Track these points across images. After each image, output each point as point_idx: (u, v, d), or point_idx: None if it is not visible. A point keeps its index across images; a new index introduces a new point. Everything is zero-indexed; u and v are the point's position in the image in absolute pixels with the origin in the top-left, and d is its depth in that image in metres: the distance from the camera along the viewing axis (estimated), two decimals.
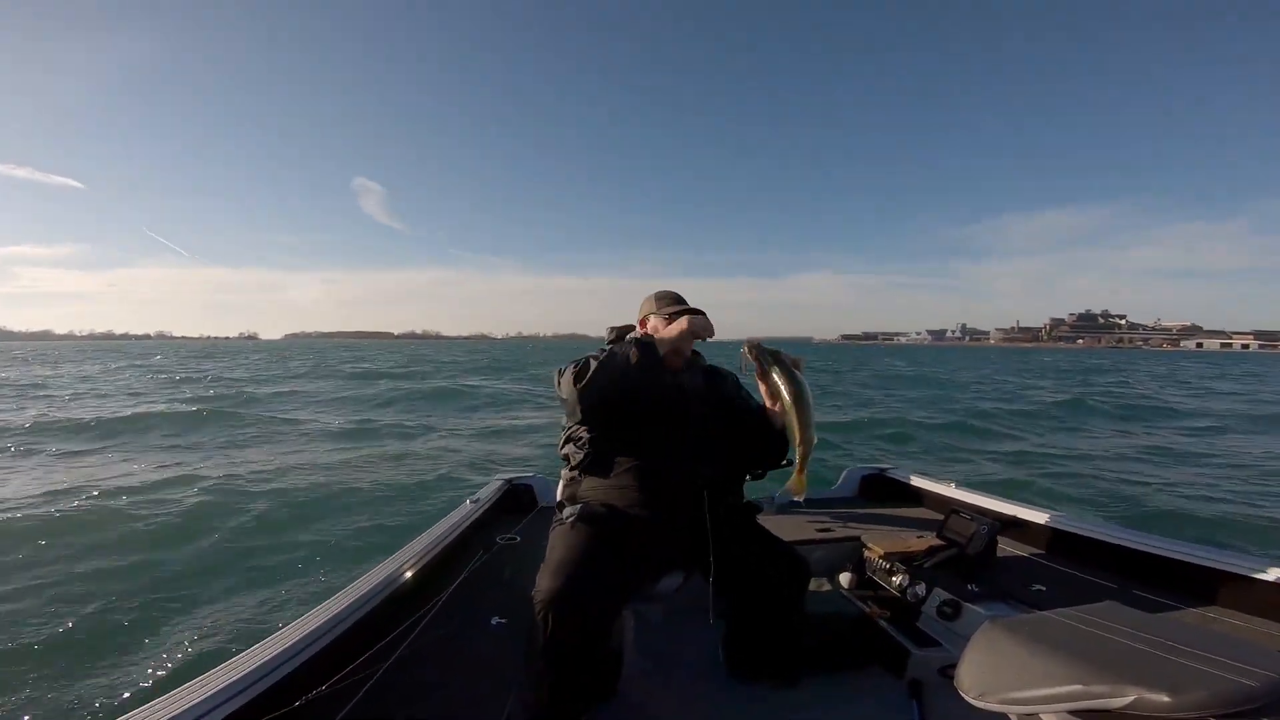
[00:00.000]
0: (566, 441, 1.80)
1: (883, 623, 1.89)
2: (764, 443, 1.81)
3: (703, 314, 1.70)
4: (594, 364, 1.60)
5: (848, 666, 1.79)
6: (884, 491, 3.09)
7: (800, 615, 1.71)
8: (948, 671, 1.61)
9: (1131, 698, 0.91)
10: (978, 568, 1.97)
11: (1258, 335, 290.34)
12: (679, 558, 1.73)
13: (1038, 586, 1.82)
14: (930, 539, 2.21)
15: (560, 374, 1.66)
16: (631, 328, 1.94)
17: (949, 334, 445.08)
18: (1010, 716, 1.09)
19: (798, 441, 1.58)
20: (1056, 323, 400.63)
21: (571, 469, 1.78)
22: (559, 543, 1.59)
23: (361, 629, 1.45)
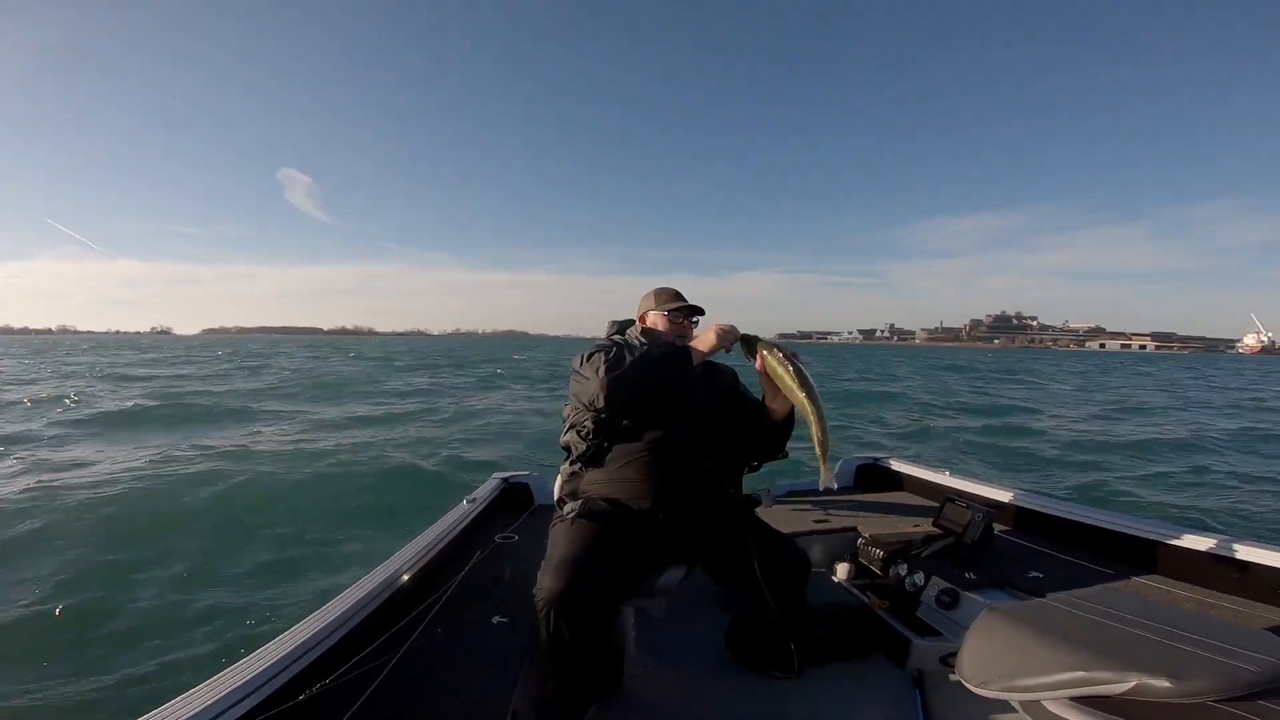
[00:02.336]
0: (569, 430, 1.80)
1: (882, 613, 1.91)
2: (761, 436, 1.82)
3: (733, 326, 1.69)
4: (627, 356, 1.61)
5: (850, 657, 1.80)
6: (879, 481, 3.10)
7: (801, 607, 1.72)
8: (949, 660, 1.63)
9: (1132, 683, 0.92)
10: (975, 556, 1.98)
11: (1154, 336, 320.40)
12: (681, 551, 1.73)
13: (1035, 574, 1.83)
14: (927, 527, 2.22)
15: (586, 359, 1.67)
16: (631, 322, 1.94)
17: (878, 333, 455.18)
18: (1012, 703, 1.10)
19: (816, 434, 1.58)
20: (975, 323, 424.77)
21: (572, 463, 1.78)
22: (560, 539, 1.58)
23: (362, 631, 1.44)
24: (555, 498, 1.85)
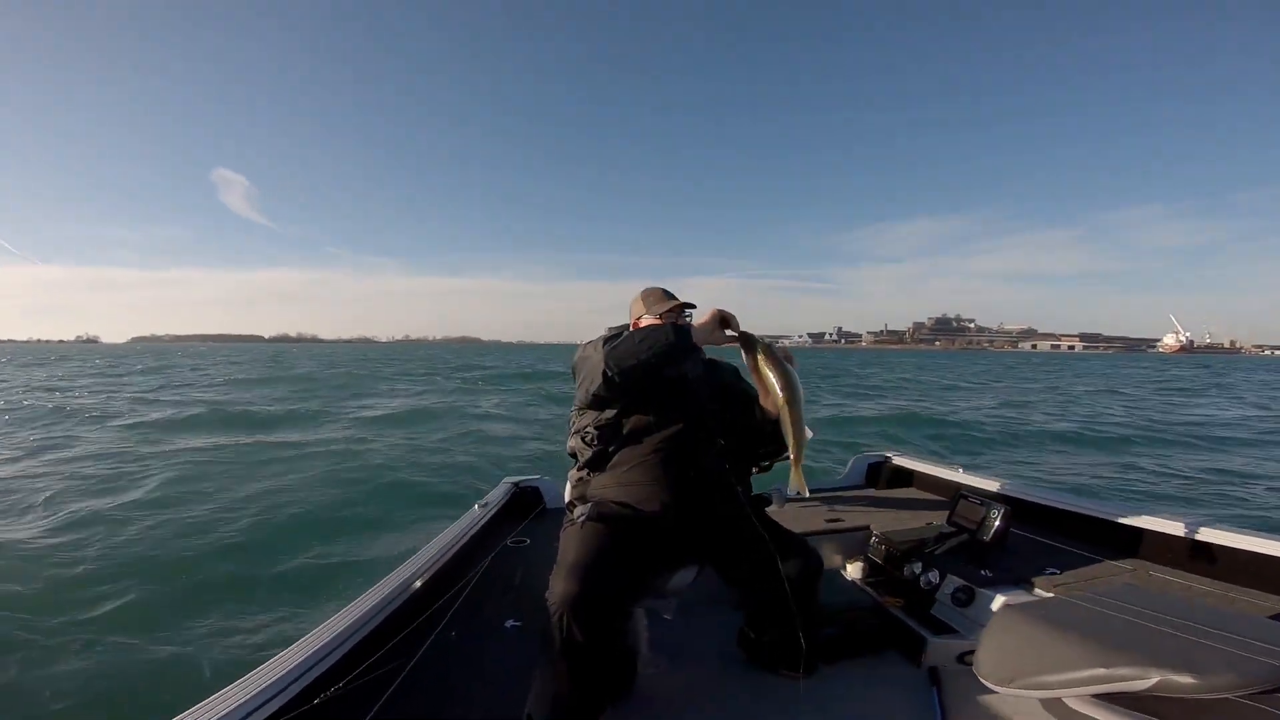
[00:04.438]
0: (574, 436, 1.81)
1: (897, 611, 1.89)
2: (755, 430, 1.80)
3: (731, 314, 1.65)
4: (627, 333, 1.62)
5: (864, 655, 1.79)
6: (891, 478, 3.08)
7: (813, 606, 1.70)
8: (966, 658, 1.61)
9: (1155, 679, 0.91)
10: (990, 553, 1.97)
11: (1082, 337, 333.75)
12: (692, 552, 1.73)
13: (1051, 569, 1.81)
14: (940, 525, 2.20)
15: (588, 343, 1.68)
16: (626, 328, 1.94)
17: (827, 337, 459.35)
18: (1033, 701, 1.09)
19: (790, 438, 1.56)
20: (919, 326, 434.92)
21: (580, 467, 1.78)
22: (571, 543, 1.58)
23: (376, 635, 1.45)
24: (565, 501, 1.86)
